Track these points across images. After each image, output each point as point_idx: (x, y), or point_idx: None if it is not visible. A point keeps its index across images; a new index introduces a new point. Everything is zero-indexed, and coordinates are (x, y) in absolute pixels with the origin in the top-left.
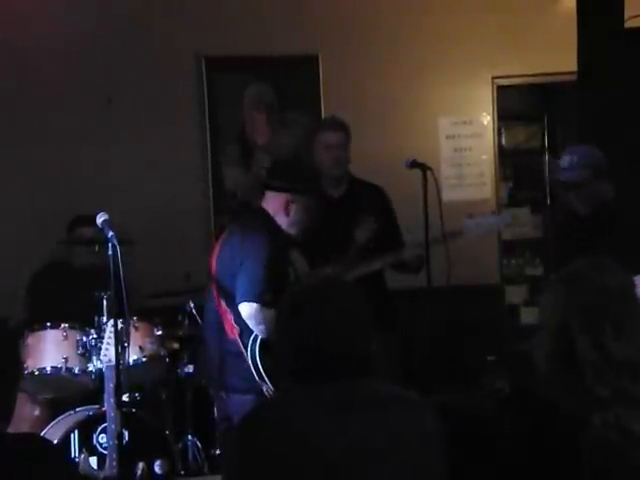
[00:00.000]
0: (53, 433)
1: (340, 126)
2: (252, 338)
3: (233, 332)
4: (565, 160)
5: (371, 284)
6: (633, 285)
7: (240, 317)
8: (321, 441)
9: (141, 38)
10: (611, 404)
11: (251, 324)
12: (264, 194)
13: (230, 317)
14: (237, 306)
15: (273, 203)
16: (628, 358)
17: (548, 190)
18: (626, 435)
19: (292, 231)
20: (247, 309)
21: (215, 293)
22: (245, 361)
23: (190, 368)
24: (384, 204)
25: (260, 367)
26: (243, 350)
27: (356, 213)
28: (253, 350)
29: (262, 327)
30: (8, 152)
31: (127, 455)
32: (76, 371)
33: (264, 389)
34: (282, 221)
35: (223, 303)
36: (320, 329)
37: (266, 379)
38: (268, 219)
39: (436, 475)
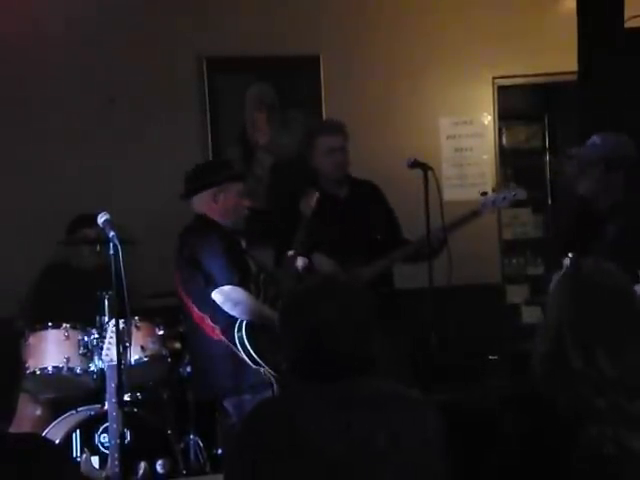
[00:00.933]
0: (55, 433)
1: (339, 129)
2: (236, 326)
3: (215, 333)
4: (590, 140)
5: (380, 284)
6: (635, 292)
7: (216, 315)
8: (323, 439)
9: (142, 39)
10: (607, 415)
11: (228, 308)
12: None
13: (208, 321)
14: (211, 304)
15: (201, 204)
16: (622, 376)
17: (549, 190)
18: (622, 449)
19: (229, 221)
20: (220, 294)
21: (187, 307)
22: (234, 361)
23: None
24: (383, 200)
25: (252, 352)
26: (232, 346)
27: (364, 211)
28: (241, 337)
29: (240, 307)
30: (8, 152)
31: (129, 455)
32: (78, 371)
33: (262, 371)
34: (217, 214)
35: (197, 310)
36: (320, 328)
37: (261, 362)
38: (206, 220)
39: (437, 473)
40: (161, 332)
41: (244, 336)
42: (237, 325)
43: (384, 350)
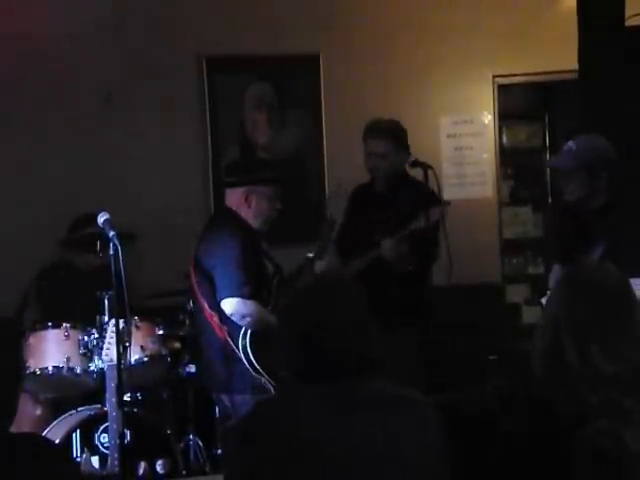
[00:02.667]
0: (55, 433)
1: (379, 133)
2: (241, 334)
3: (222, 333)
4: (566, 146)
5: (414, 282)
6: (633, 292)
7: (225, 317)
8: (321, 440)
9: (142, 38)
10: (603, 412)
11: (236, 319)
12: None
13: (216, 319)
14: (219, 306)
15: (232, 199)
16: (617, 372)
17: (549, 188)
18: (620, 445)
19: (257, 223)
20: (229, 305)
21: (198, 299)
22: (241, 360)
23: (191, 367)
24: (422, 204)
25: (254, 361)
26: (235, 349)
27: (388, 210)
28: (244, 346)
29: (247, 320)
30: (8, 152)
31: (129, 455)
32: (78, 371)
33: (262, 381)
34: (246, 214)
35: (207, 307)
36: (316, 328)
37: (262, 372)
38: (233, 215)
39: (437, 474)
40: (161, 332)
41: (247, 345)
42: (242, 333)
43: (407, 348)
